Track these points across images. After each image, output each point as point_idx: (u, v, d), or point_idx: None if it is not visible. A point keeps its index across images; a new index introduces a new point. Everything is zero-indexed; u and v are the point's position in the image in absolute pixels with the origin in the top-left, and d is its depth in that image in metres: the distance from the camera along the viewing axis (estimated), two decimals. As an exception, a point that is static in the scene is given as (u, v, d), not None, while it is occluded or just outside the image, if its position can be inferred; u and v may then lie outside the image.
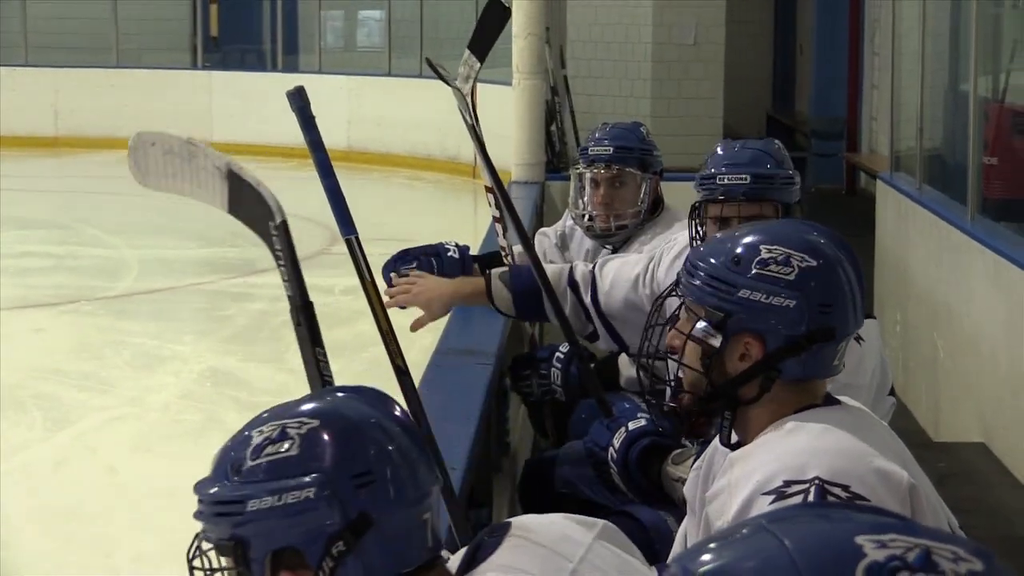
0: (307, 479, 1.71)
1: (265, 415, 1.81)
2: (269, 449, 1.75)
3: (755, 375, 2.19)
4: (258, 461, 1.75)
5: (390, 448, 1.77)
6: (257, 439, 1.77)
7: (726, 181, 3.38)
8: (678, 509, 2.99)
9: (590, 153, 4.24)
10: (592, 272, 3.66)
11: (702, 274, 2.22)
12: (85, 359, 8.17)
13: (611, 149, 4.20)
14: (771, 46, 16.33)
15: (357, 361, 7.07)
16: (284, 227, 2.28)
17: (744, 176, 3.38)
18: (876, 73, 11.18)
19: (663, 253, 3.65)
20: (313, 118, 2.87)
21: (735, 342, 2.19)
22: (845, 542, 1.07)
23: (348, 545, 1.73)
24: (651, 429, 3.09)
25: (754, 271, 2.19)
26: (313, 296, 2.46)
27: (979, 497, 4.08)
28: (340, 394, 1.87)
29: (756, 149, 3.48)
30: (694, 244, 3.41)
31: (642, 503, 3.23)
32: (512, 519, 1.89)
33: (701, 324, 2.20)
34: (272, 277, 2.53)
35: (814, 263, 2.20)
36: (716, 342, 2.19)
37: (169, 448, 6.60)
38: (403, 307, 3.59)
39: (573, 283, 3.64)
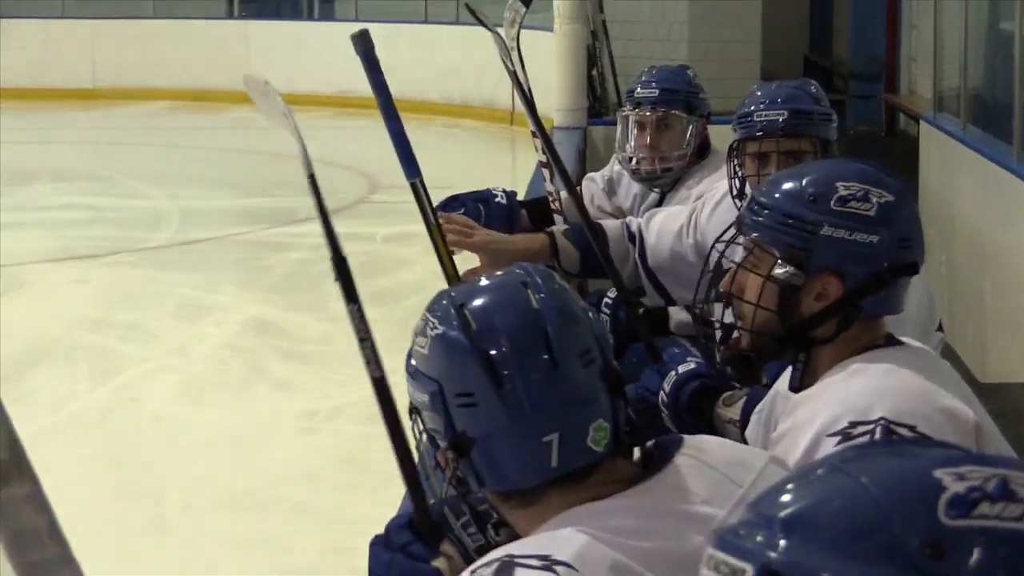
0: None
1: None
2: None
3: (835, 314, 2.18)
4: None
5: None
6: None
7: (764, 117, 3.39)
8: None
9: (636, 95, 4.21)
10: (639, 226, 3.64)
11: (777, 213, 2.19)
12: (128, 310, 8.20)
13: (657, 91, 4.16)
14: (808, -11, 16.21)
15: (399, 309, 7.05)
16: (312, 180, 2.22)
17: (782, 112, 3.38)
18: (915, 13, 11.07)
19: (705, 202, 3.64)
20: (378, 61, 2.86)
21: (814, 281, 2.17)
22: (924, 476, 1.06)
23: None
24: (701, 372, 3.06)
25: (834, 208, 2.17)
26: (355, 244, 2.44)
27: None
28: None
29: (793, 87, 3.48)
30: (733, 184, 3.42)
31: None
32: (681, 437, 1.86)
33: (781, 264, 2.18)
34: (311, 226, 2.52)
35: (892, 198, 2.19)
36: (799, 280, 2.17)
37: (214, 397, 6.64)
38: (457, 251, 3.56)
39: (631, 236, 3.64)
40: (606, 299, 3.83)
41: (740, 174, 3.39)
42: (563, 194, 4.22)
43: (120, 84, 16.76)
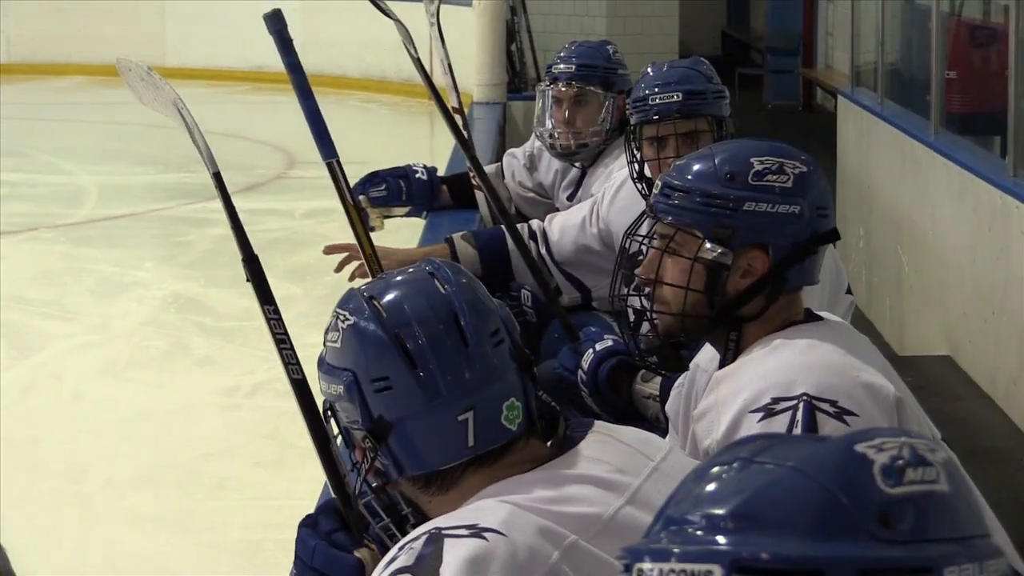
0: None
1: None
2: None
3: (761, 288, 2.19)
4: None
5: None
6: None
7: (658, 101, 3.41)
8: (650, 425, 3.00)
9: (554, 71, 4.23)
10: (542, 226, 3.71)
11: (695, 195, 2.20)
12: (47, 287, 8.10)
13: (574, 67, 4.18)
14: (726, -38, 16.28)
15: (320, 285, 7.00)
16: (217, 178, 2.20)
17: (676, 93, 3.41)
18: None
19: (604, 192, 3.70)
20: (291, 40, 2.84)
21: (740, 258, 2.19)
22: (849, 453, 1.09)
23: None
24: (619, 349, 3.08)
25: (752, 183, 2.19)
26: (275, 220, 2.43)
27: (946, 409, 4.13)
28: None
29: (684, 67, 3.53)
30: (632, 168, 3.44)
31: (615, 422, 3.23)
32: (592, 420, 1.92)
33: (708, 244, 2.18)
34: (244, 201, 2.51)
35: (804, 168, 2.22)
36: (728, 259, 2.18)
37: (135, 374, 6.57)
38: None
39: (532, 235, 3.70)
40: (524, 289, 3.84)
41: (639, 158, 3.43)
42: (487, 168, 4.23)
43: (34, 60, 16.52)
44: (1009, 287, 4.51)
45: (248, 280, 2.16)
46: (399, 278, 1.89)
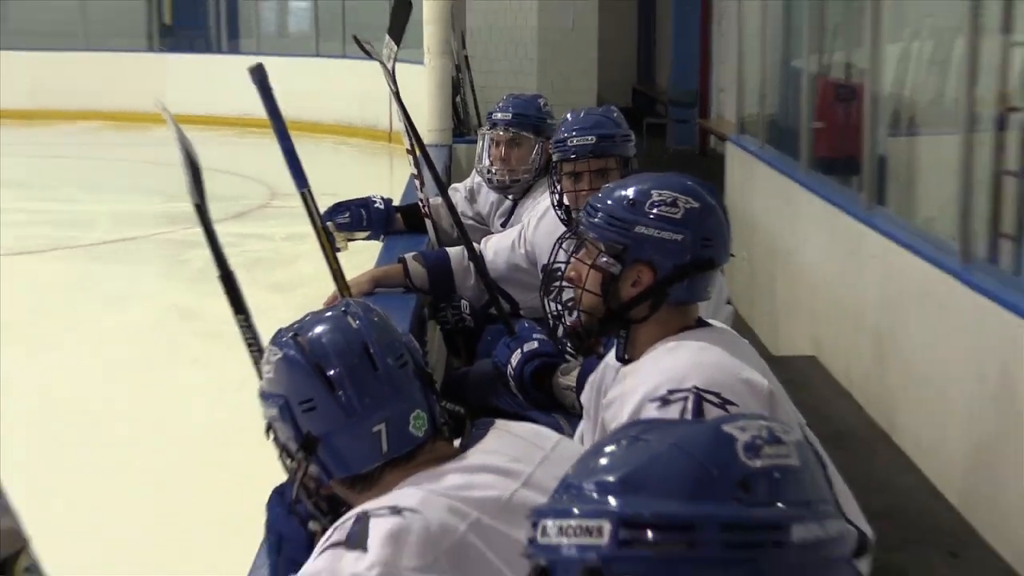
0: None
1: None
2: None
3: (646, 298, 2.19)
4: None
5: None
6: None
7: (576, 142, 3.43)
8: (568, 413, 3.01)
9: (493, 117, 4.24)
10: (477, 248, 3.70)
11: (603, 215, 2.21)
12: (63, 297, 8.05)
13: (511, 115, 4.19)
14: (636, 30, 16.33)
15: (297, 295, 7.01)
16: (198, 209, 2.23)
17: (591, 137, 3.42)
18: (723, 51, 11.22)
19: (529, 220, 3.71)
20: (271, 89, 2.83)
21: (630, 270, 2.19)
22: (717, 433, 1.13)
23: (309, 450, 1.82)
24: (541, 351, 3.09)
25: (647, 211, 2.20)
26: (259, 242, 2.43)
27: (810, 402, 4.12)
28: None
29: (598, 115, 3.53)
30: (553, 197, 3.46)
31: (538, 410, 3.24)
32: (493, 419, 1.93)
33: (603, 256, 2.20)
34: (223, 227, 2.49)
35: (697, 205, 2.21)
36: (616, 269, 2.19)
37: (139, 376, 6.48)
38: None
39: (472, 257, 3.69)
40: (463, 300, 3.84)
41: (559, 189, 3.45)
42: (431, 200, 4.23)
43: (56, 107, 16.38)
44: (862, 299, 4.55)
45: (225, 293, 2.18)
46: (319, 317, 1.90)
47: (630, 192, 2.22)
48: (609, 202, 2.22)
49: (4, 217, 10.27)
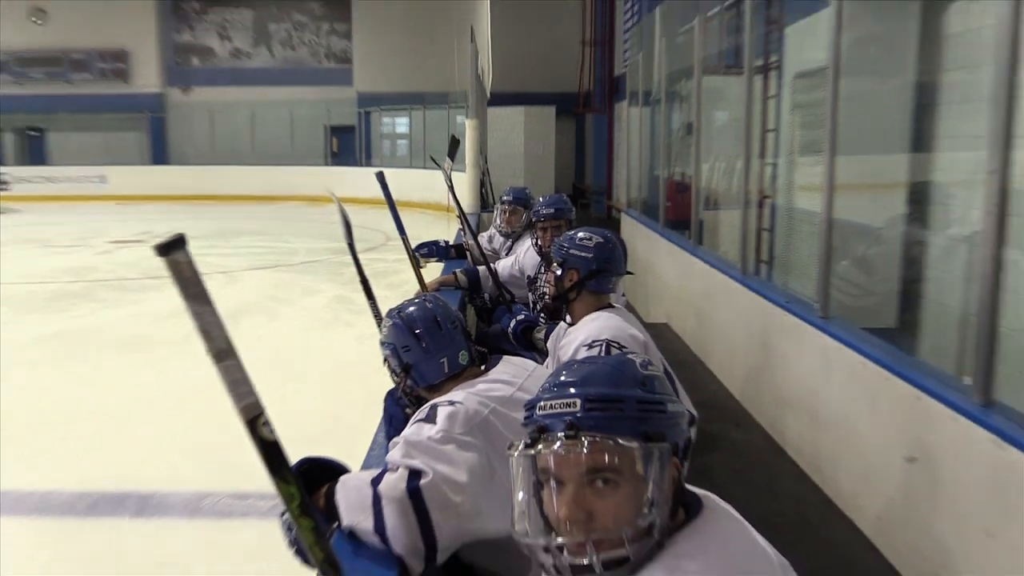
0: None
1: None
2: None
3: (576, 289, 2.19)
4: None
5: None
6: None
7: (544, 212, 3.39)
8: (541, 352, 2.98)
9: (502, 199, 4.19)
10: (493, 268, 3.63)
11: (559, 247, 2.23)
12: (283, 294, 7.73)
13: (511, 198, 4.14)
14: (574, 151, 16.24)
15: (399, 292, 6.83)
16: (350, 246, 2.22)
17: (552, 209, 3.38)
18: (619, 162, 11.15)
19: (520, 252, 3.65)
20: (387, 185, 2.82)
21: (567, 273, 2.19)
22: (626, 359, 1.15)
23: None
24: (527, 319, 3.05)
25: (576, 242, 2.20)
26: (380, 264, 2.38)
27: (665, 346, 4.00)
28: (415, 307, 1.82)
29: (556, 197, 3.48)
30: (533, 241, 3.43)
31: (525, 351, 3.21)
32: (502, 355, 1.86)
33: (557, 268, 2.21)
34: (362, 255, 2.41)
35: (601, 240, 2.22)
36: (560, 272, 2.20)
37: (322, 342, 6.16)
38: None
39: (491, 271, 3.62)
40: (486, 294, 3.78)
41: (537, 237, 3.41)
42: (469, 241, 4.19)
43: (281, 193, 16.15)
44: (691, 291, 4.52)
45: (363, 290, 2.15)
46: (411, 302, 1.85)
47: (575, 234, 2.23)
48: (563, 242, 2.22)
49: (248, 248, 10.21)
